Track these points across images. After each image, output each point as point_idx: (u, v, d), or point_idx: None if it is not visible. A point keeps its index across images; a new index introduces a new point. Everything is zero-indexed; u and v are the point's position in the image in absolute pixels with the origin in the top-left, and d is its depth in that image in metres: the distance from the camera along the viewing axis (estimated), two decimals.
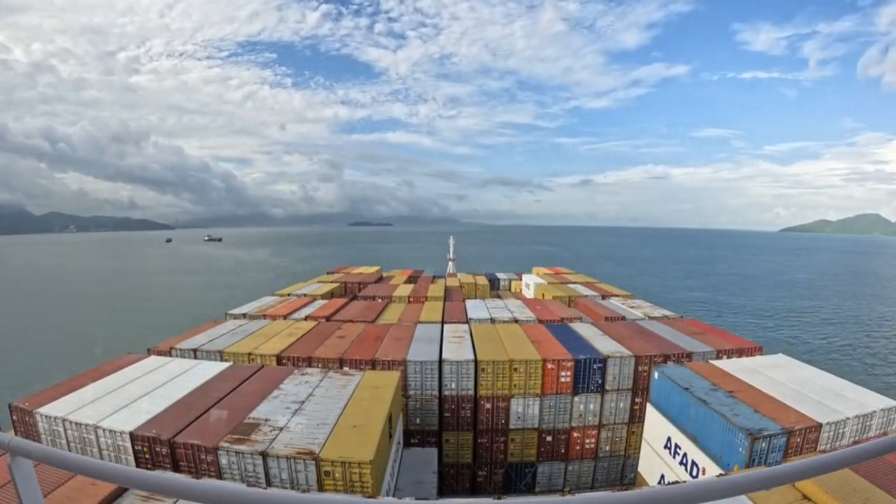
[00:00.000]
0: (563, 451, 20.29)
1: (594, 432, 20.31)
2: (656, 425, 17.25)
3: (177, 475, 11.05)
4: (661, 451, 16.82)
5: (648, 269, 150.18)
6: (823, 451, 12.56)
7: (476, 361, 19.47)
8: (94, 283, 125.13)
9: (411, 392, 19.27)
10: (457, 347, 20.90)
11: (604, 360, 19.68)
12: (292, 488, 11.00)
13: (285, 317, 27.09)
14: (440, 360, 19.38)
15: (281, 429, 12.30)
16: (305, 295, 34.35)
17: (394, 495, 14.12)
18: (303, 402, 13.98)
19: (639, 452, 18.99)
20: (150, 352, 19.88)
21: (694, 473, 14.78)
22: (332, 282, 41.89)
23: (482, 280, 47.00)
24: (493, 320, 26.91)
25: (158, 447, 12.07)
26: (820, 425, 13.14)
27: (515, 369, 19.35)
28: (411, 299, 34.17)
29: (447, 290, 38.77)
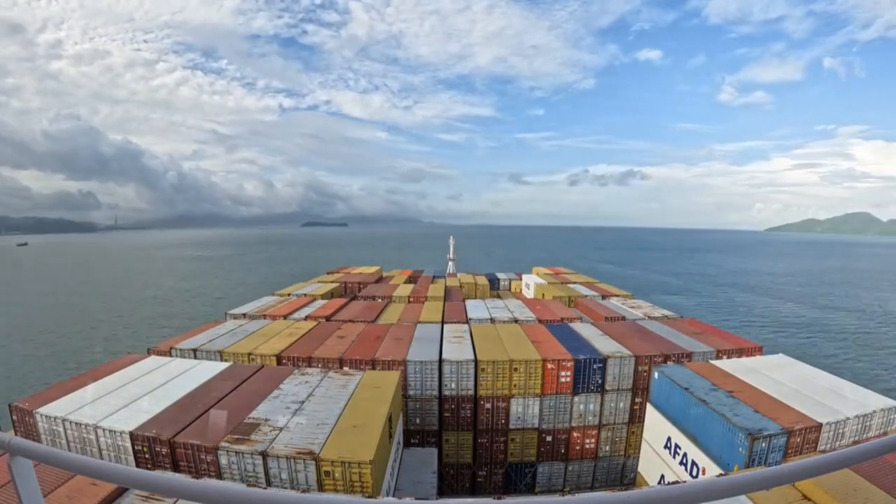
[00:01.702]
0: (563, 451, 20.28)
1: (594, 432, 20.31)
2: (656, 425, 17.25)
3: (177, 475, 11.05)
4: (661, 451, 16.82)
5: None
6: (823, 451, 12.56)
7: (476, 361, 19.47)
8: None
9: (411, 392, 19.27)
10: (457, 347, 20.90)
11: (604, 360, 19.68)
12: (292, 488, 11.00)
13: (285, 317, 27.08)
14: (440, 360, 19.38)
15: (281, 429, 12.30)
16: (305, 295, 34.36)
17: (394, 495, 14.12)
18: (303, 402, 13.98)
19: (639, 452, 18.99)
20: (150, 352, 19.89)
21: (694, 473, 14.78)
22: (332, 282, 41.90)
23: (482, 280, 47.01)
24: (493, 320, 26.91)
25: (158, 447, 12.07)
26: (820, 425, 13.15)
27: (515, 369, 19.35)
28: (411, 299, 34.18)
29: (447, 290, 38.77)
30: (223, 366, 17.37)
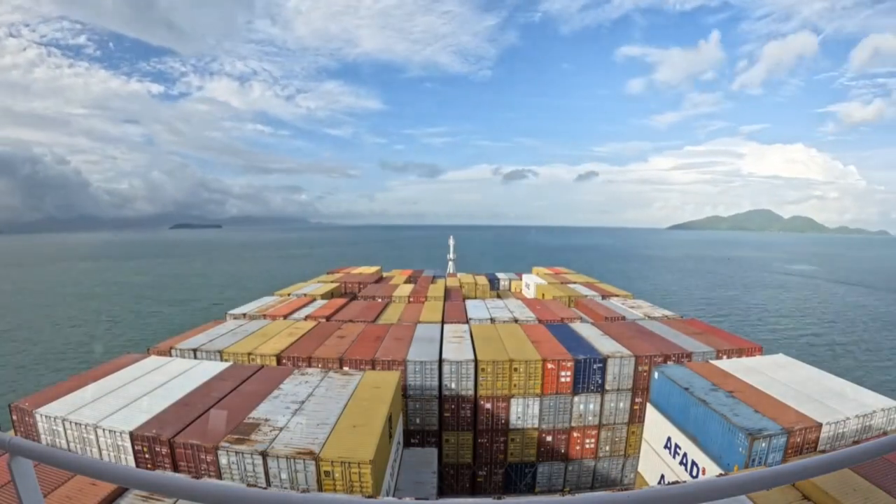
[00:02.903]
0: (563, 451, 20.29)
1: (594, 432, 20.31)
2: (656, 425, 17.25)
3: (177, 475, 11.05)
4: (661, 451, 16.82)
5: None
6: (823, 451, 12.57)
7: (476, 361, 19.46)
8: None
9: (411, 392, 19.27)
10: (457, 347, 20.90)
11: (604, 360, 19.68)
12: (292, 488, 11.00)
13: (285, 317, 27.08)
14: (440, 360, 19.39)
15: (281, 429, 12.30)
16: (305, 295, 34.35)
17: (394, 495, 14.13)
18: (303, 402, 13.98)
19: (639, 452, 19.00)
20: (149, 352, 19.90)
21: (694, 473, 14.79)
22: (332, 282, 41.90)
23: (482, 280, 47.03)
24: (493, 320, 26.92)
25: (158, 447, 12.07)
26: (820, 425, 13.15)
27: (515, 369, 19.35)
28: (411, 299, 34.17)
29: (447, 290, 38.78)
30: (223, 366, 17.37)
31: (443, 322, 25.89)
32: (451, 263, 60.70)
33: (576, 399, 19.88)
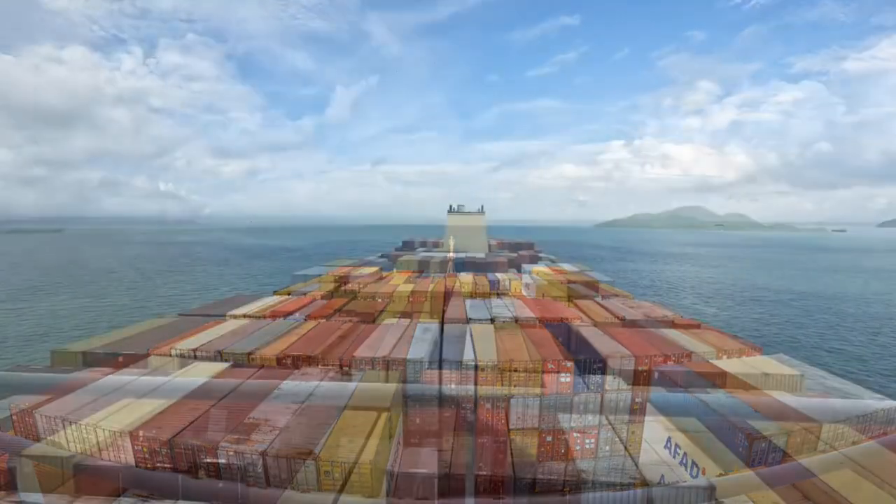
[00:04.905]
0: (563, 451, 20.29)
1: (594, 432, 20.30)
2: (656, 425, 17.26)
3: (177, 475, 11.05)
4: (661, 451, 16.83)
5: None
6: (823, 452, 12.57)
7: (476, 361, 19.47)
8: None
9: (411, 392, 19.26)
10: (457, 347, 20.90)
11: (604, 360, 19.68)
12: (292, 488, 11.00)
13: (285, 317, 27.10)
14: (440, 360, 19.39)
15: (281, 429, 12.31)
16: (305, 295, 34.37)
17: (394, 495, 14.13)
18: (303, 402, 13.98)
19: (639, 452, 18.99)
20: (150, 352, 19.90)
21: (694, 473, 14.79)
22: (331, 282, 41.91)
23: (482, 280, 47.01)
24: (492, 320, 26.91)
25: (158, 447, 12.06)
26: (820, 425, 13.16)
27: (515, 369, 19.35)
28: (411, 299, 34.17)
29: (447, 289, 38.78)
30: (223, 366, 17.38)
31: (442, 322, 25.90)
32: (450, 263, 60.74)
33: (576, 399, 19.88)
